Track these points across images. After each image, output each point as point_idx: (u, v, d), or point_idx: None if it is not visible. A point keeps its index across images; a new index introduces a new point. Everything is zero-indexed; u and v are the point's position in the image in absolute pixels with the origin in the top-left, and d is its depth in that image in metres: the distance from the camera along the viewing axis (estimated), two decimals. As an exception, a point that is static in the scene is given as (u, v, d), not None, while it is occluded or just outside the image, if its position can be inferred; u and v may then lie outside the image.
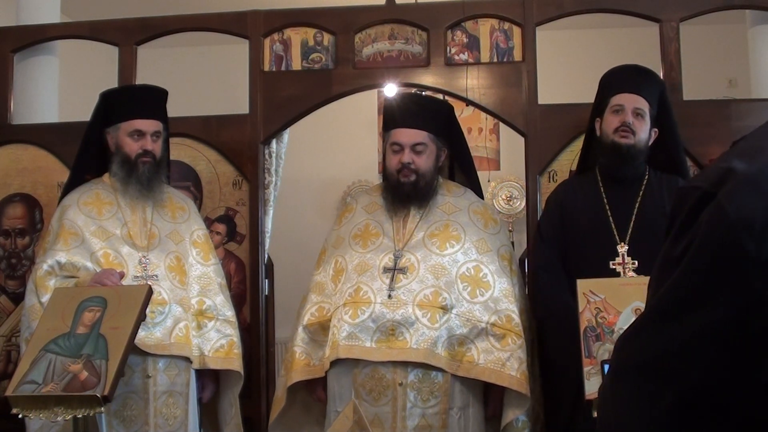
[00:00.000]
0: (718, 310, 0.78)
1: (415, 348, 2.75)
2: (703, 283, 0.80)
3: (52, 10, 4.37)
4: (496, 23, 3.79)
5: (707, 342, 0.78)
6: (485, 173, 7.42)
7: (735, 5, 3.83)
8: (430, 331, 2.76)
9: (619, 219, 2.95)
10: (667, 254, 0.85)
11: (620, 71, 3.07)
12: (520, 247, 5.69)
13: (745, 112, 3.65)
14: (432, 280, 2.84)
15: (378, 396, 2.77)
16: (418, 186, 2.96)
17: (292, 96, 3.86)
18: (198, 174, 3.86)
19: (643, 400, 0.81)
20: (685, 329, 0.80)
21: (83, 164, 3.18)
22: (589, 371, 2.50)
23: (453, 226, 2.95)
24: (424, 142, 2.95)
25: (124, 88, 3.64)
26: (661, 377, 0.81)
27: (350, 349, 2.78)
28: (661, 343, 0.82)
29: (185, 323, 2.96)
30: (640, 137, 2.95)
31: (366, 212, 3.07)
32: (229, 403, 3.12)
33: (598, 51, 6.63)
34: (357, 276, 2.89)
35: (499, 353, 2.80)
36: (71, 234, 2.94)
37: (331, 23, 3.88)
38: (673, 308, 0.82)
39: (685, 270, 0.82)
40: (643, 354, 0.84)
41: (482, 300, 2.85)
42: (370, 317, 2.79)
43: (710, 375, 0.78)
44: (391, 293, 2.82)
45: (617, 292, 2.61)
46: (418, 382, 2.77)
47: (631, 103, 2.95)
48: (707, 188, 0.83)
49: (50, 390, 2.45)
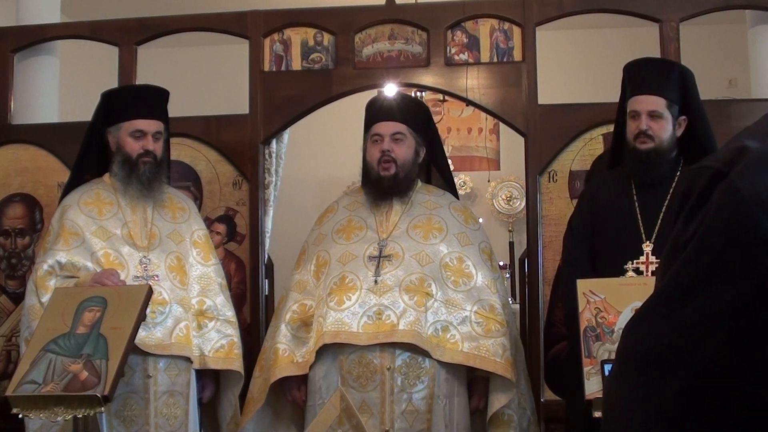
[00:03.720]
0: (729, 290, 0.75)
1: (402, 329, 2.77)
2: (713, 263, 0.77)
3: (52, 10, 4.37)
4: (496, 23, 3.79)
5: (717, 324, 0.76)
6: (485, 173, 7.43)
7: (735, 5, 3.83)
8: (417, 313, 2.79)
9: (647, 218, 2.91)
10: (677, 237, 0.83)
11: (636, 69, 2.97)
12: (520, 247, 5.70)
13: (745, 112, 3.65)
14: (417, 267, 2.87)
15: (366, 382, 2.78)
16: (398, 178, 3.00)
17: (292, 96, 3.86)
18: (198, 174, 3.86)
19: (650, 386, 0.79)
20: (693, 311, 0.77)
21: (84, 164, 3.18)
22: (589, 371, 2.50)
23: (435, 219, 3.01)
24: (403, 132, 3.02)
25: (126, 87, 3.64)
26: (668, 362, 0.78)
27: (337, 334, 2.79)
28: (668, 326, 0.79)
29: (186, 323, 2.96)
30: (661, 139, 2.87)
31: (348, 210, 3.12)
32: (230, 403, 3.12)
33: (598, 51, 6.65)
34: (342, 266, 2.91)
35: (483, 340, 2.83)
36: (71, 234, 2.94)
37: (331, 23, 3.88)
38: (681, 290, 0.79)
39: (695, 250, 0.79)
40: (650, 339, 0.81)
41: (465, 289, 2.90)
42: (357, 302, 2.81)
43: (719, 359, 0.76)
44: (377, 279, 2.84)
45: (617, 292, 2.61)
46: (405, 367, 2.79)
47: (645, 107, 2.87)
48: (719, 167, 0.80)
49: (50, 390, 2.45)
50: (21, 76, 4.08)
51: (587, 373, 2.49)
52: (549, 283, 3.46)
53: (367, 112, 3.14)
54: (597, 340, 2.54)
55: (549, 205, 3.66)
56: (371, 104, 3.14)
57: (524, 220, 3.96)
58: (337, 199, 3.26)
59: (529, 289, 3.76)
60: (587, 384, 2.48)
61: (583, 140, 3.68)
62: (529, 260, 3.70)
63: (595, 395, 2.43)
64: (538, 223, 3.65)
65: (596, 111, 3.65)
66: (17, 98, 4.05)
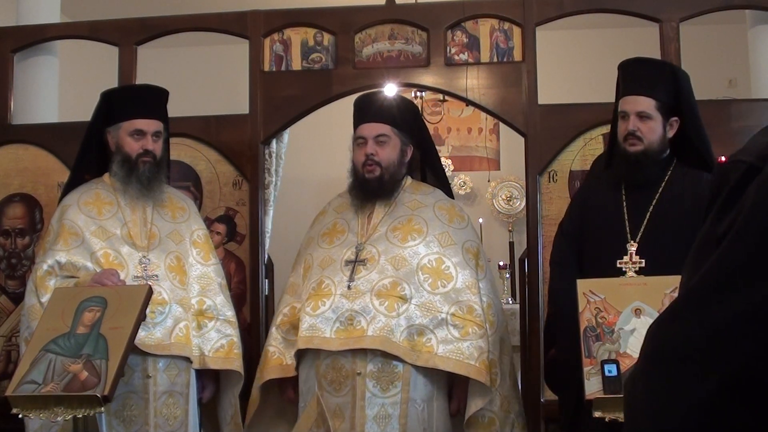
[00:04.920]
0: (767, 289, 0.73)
1: (371, 335, 2.77)
2: (751, 259, 0.75)
3: (52, 10, 4.37)
4: (496, 23, 3.79)
5: (756, 322, 0.73)
6: (485, 173, 7.43)
7: (735, 5, 3.83)
8: (387, 319, 2.79)
9: (634, 218, 2.90)
10: (708, 234, 0.80)
11: (627, 69, 2.96)
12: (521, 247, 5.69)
13: (745, 112, 3.65)
14: (391, 271, 2.87)
15: (339, 386, 2.80)
16: (382, 180, 3.01)
17: (292, 96, 3.86)
18: (198, 174, 3.86)
19: (684, 386, 0.76)
20: (730, 309, 0.75)
21: (83, 164, 3.18)
22: (589, 371, 2.50)
23: (416, 220, 2.99)
24: (387, 133, 3.01)
25: (126, 87, 3.65)
26: (704, 361, 0.76)
27: (310, 339, 2.82)
28: (703, 325, 0.77)
29: (185, 323, 2.96)
30: (650, 140, 2.85)
31: (336, 212, 3.14)
32: (229, 403, 3.12)
33: (598, 51, 6.65)
34: (321, 270, 2.94)
35: (458, 343, 2.81)
36: (71, 234, 2.94)
37: (331, 23, 3.88)
38: (717, 288, 0.77)
39: (730, 246, 0.77)
40: (683, 338, 0.78)
41: (443, 291, 2.87)
42: (330, 308, 2.83)
43: (756, 361, 0.73)
44: (351, 284, 2.85)
45: (617, 292, 2.61)
46: (377, 372, 2.79)
47: (633, 108, 2.86)
48: (753, 162, 0.79)
49: (50, 390, 2.45)
50: (21, 76, 4.08)
51: (587, 373, 2.49)
52: (548, 284, 3.46)
53: (354, 113, 3.15)
54: (597, 340, 2.54)
55: (549, 205, 3.66)
56: (356, 105, 3.15)
57: (524, 220, 3.95)
58: (330, 201, 3.26)
59: (529, 289, 3.76)
60: (587, 384, 2.48)
61: (583, 140, 3.68)
62: (529, 260, 3.70)
63: (595, 395, 2.43)
64: (538, 223, 3.65)
65: (596, 111, 3.64)
66: (17, 98, 4.05)
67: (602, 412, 2.40)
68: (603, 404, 2.40)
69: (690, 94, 2.93)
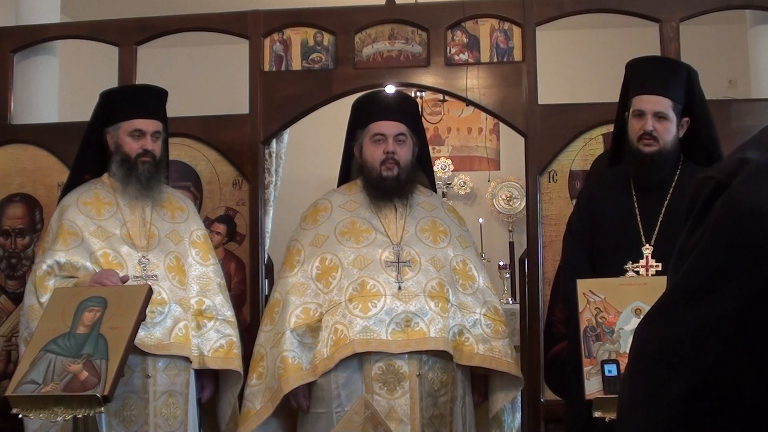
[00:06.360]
0: (729, 297, 0.78)
1: (434, 337, 2.80)
2: (714, 272, 0.80)
3: (52, 10, 4.37)
4: (496, 23, 3.79)
5: (719, 329, 0.78)
6: (485, 173, 7.43)
7: (735, 5, 3.83)
8: (443, 320, 2.83)
9: (647, 220, 2.86)
10: (683, 245, 0.86)
11: (642, 67, 2.91)
12: (521, 247, 5.70)
13: (745, 112, 3.65)
14: (434, 272, 2.90)
15: (393, 388, 2.78)
16: (400, 180, 2.98)
17: (292, 96, 3.86)
18: (198, 174, 3.86)
19: (658, 386, 0.81)
20: (697, 316, 0.80)
21: (83, 164, 3.18)
22: (589, 371, 2.49)
23: (439, 222, 3.03)
24: (405, 133, 3.01)
25: (125, 87, 3.64)
26: (675, 363, 0.81)
27: (367, 342, 2.77)
28: (674, 329, 0.82)
29: (185, 323, 2.96)
30: (666, 141, 2.81)
31: (346, 210, 3.03)
32: (229, 403, 3.12)
33: (598, 51, 6.65)
34: (358, 271, 2.86)
35: (493, 341, 2.90)
36: (70, 234, 2.94)
37: (331, 23, 3.87)
38: (686, 295, 0.82)
39: (697, 259, 0.82)
40: (657, 341, 0.84)
41: (471, 292, 2.97)
42: (383, 309, 2.80)
43: (721, 364, 0.78)
44: (401, 285, 2.85)
45: (617, 292, 2.60)
46: (431, 372, 2.83)
47: (651, 107, 2.80)
48: (720, 178, 0.83)
49: (50, 390, 2.45)
50: (21, 76, 4.08)
51: (587, 373, 2.49)
52: (549, 283, 3.46)
53: (362, 110, 3.09)
54: (597, 340, 2.54)
55: (549, 205, 3.66)
56: (368, 101, 3.12)
57: (524, 220, 3.95)
58: (326, 197, 3.15)
59: (529, 289, 3.76)
60: (587, 384, 2.48)
61: (583, 140, 3.68)
62: (529, 260, 3.70)
63: (595, 395, 2.43)
64: (538, 223, 3.65)
65: (596, 111, 3.64)
66: (17, 98, 4.05)
67: (602, 412, 2.40)
68: (603, 404, 2.40)
69: (702, 94, 2.91)
